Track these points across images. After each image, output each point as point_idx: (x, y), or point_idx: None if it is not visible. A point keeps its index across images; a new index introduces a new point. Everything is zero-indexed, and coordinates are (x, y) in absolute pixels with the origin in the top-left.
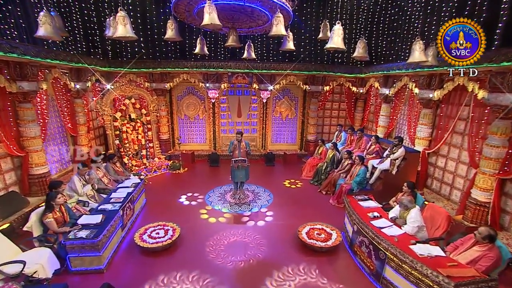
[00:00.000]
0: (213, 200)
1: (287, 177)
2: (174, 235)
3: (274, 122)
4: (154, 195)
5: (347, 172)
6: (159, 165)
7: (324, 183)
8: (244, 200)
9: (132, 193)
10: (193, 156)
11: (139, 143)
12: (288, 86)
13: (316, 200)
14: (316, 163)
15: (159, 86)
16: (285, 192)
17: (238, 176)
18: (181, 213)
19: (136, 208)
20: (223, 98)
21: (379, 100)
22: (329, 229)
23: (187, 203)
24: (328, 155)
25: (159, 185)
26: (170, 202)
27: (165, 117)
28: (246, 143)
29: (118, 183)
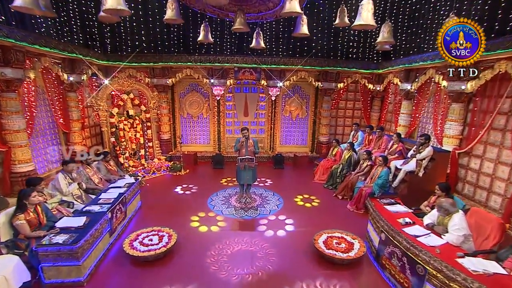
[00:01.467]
0: (216, 203)
1: (298, 186)
2: (170, 242)
3: (283, 122)
4: (151, 197)
5: (366, 175)
6: (158, 166)
7: (340, 187)
8: (251, 204)
9: (125, 194)
10: (196, 157)
11: (137, 142)
12: (299, 83)
13: (331, 205)
14: (330, 165)
15: (161, 82)
16: (297, 192)
17: (245, 177)
18: (179, 217)
19: (129, 211)
20: (228, 96)
21: (399, 97)
22: (350, 238)
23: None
24: (344, 156)
25: (158, 187)
26: (168, 205)
27: (167, 115)
28: (254, 140)
29: (111, 183)
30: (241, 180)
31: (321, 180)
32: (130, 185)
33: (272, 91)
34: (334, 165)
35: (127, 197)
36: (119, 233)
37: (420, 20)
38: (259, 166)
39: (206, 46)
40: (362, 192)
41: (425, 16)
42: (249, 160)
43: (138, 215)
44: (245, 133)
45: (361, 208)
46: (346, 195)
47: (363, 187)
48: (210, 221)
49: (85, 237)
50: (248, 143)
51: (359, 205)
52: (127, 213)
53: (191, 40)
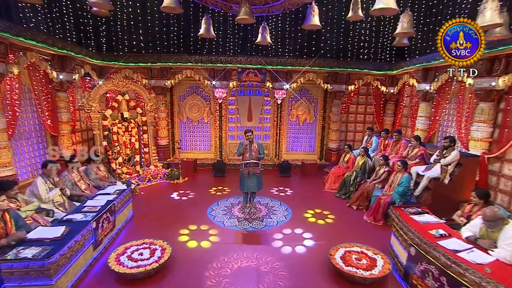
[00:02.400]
0: (217, 214)
1: (307, 195)
2: (163, 257)
3: (290, 127)
4: (145, 207)
5: (383, 182)
6: (154, 174)
7: (355, 196)
8: (256, 215)
9: (114, 202)
10: (195, 164)
11: (132, 147)
12: (307, 85)
13: (346, 216)
14: (342, 173)
15: (159, 84)
16: (306, 206)
17: (249, 185)
18: (175, 229)
19: (118, 222)
20: (231, 99)
21: (415, 100)
22: (371, 253)
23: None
24: (358, 163)
25: (153, 196)
26: (163, 215)
27: (165, 119)
28: (259, 144)
29: (100, 189)
30: (244, 188)
31: (333, 189)
32: (121, 192)
33: (277, 94)
34: (347, 173)
35: (116, 206)
36: (106, 246)
37: (439, 16)
38: (264, 174)
39: (207, 46)
40: (381, 201)
41: (444, 11)
42: (254, 165)
43: (129, 226)
44: (249, 136)
45: (380, 219)
46: (361, 205)
47: (381, 196)
48: (202, 235)
49: (62, 250)
50: (252, 146)
51: (377, 215)
52: (116, 224)
53: (191, 39)
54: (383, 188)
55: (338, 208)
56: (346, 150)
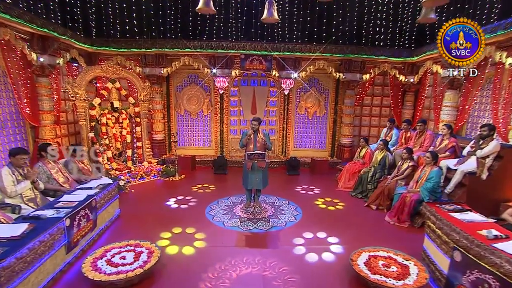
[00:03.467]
0: (216, 213)
1: (318, 195)
2: (150, 261)
3: (298, 121)
4: (134, 205)
5: (407, 178)
6: (148, 171)
7: (373, 195)
8: (261, 215)
9: (95, 197)
10: (194, 161)
11: (123, 141)
12: (317, 74)
13: (364, 217)
14: (357, 169)
15: (154, 72)
16: (317, 206)
17: (253, 180)
18: (167, 230)
19: (101, 221)
20: (233, 90)
21: (439, 88)
22: (401, 259)
23: (180, 216)
24: (376, 158)
25: (145, 194)
26: (155, 215)
27: (160, 111)
28: (265, 134)
29: (81, 183)
30: (248, 184)
31: (347, 188)
32: (105, 187)
33: (285, 84)
34: (363, 169)
35: (98, 202)
36: (84, 248)
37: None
38: (270, 172)
39: (207, 31)
40: (406, 200)
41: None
42: (259, 157)
43: (114, 226)
44: (254, 125)
45: (405, 220)
46: (382, 205)
47: (407, 193)
48: (185, 239)
49: (19, 252)
50: (258, 137)
51: (401, 216)
52: (98, 223)
53: (190, 23)
54: (407, 185)
55: (355, 208)
56: (362, 144)
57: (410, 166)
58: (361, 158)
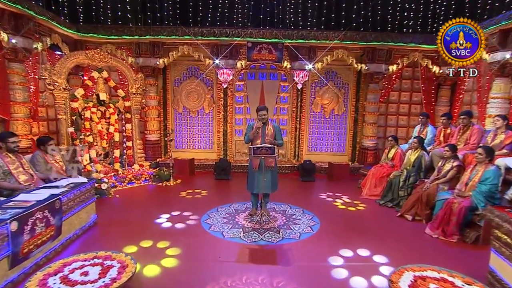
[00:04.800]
0: (215, 222)
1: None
2: (119, 279)
3: (313, 121)
4: (118, 212)
5: (450, 181)
6: (138, 174)
7: (408, 203)
8: (269, 225)
9: (61, 198)
10: (192, 164)
11: (110, 139)
12: (335, 66)
13: (398, 229)
14: (386, 173)
15: (148, 63)
16: (339, 216)
17: (260, 182)
18: (152, 239)
19: (69, 227)
20: (239, 84)
21: (485, 78)
22: (460, 282)
23: (169, 226)
24: (408, 159)
25: (131, 200)
26: (141, 223)
27: (155, 108)
28: (275, 127)
29: (49, 182)
30: (254, 187)
31: (374, 196)
32: (77, 186)
33: (298, 77)
34: (393, 172)
35: (66, 204)
36: (40, 261)
37: None
38: (280, 178)
39: (210, 16)
40: (453, 207)
41: None
42: (267, 152)
43: (87, 235)
44: (263, 116)
45: (453, 232)
46: (419, 214)
47: (454, 199)
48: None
49: None
50: (266, 130)
51: (447, 228)
52: (64, 230)
53: (190, 7)
54: (452, 189)
55: (385, 218)
56: (390, 144)
57: (455, 167)
58: (389, 160)
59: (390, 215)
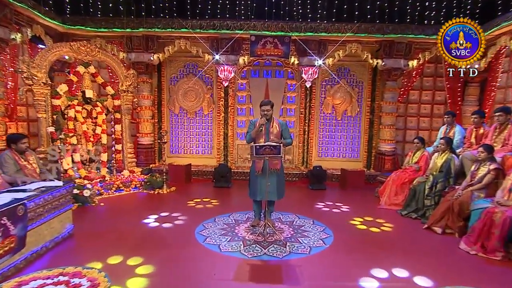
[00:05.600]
0: (211, 233)
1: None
2: None
3: (323, 123)
4: (100, 222)
5: (487, 188)
6: (127, 181)
7: (436, 213)
8: (274, 237)
9: (26, 204)
10: (189, 171)
11: (97, 141)
12: (348, 61)
13: (426, 244)
14: (408, 179)
15: (141, 59)
16: (356, 228)
17: (263, 187)
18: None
19: (36, 239)
20: (242, 83)
21: None
22: None
23: (158, 237)
24: (435, 163)
25: (118, 209)
26: (125, 234)
27: (149, 109)
28: (282, 124)
29: (16, 186)
30: (257, 193)
31: (394, 205)
32: (49, 190)
33: (306, 74)
34: (417, 178)
35: (33, 210)
36: None
37: None
38: (287, 186)
39: (210, 8)
40: (495, 218)
41: None
42: (271, 152)
43: (60, 248)
44: (266, 111)
45: (496, 248)
46: (451, 227)
47: (494, 209)
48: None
49: None
50: (271, 127)
51: (488, 242)
52: (29, 242)
53: None
54: (490, 196)
55: (409, 231)
56: (417, 146)
57: (492, 171)
58: (413, 163)
59: (415, 227)
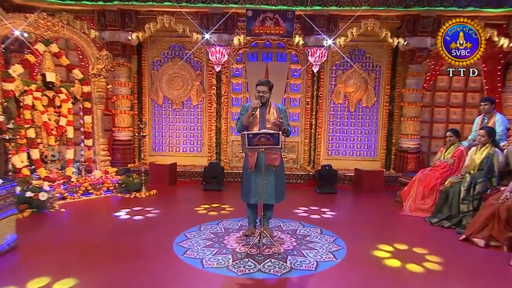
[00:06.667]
0: (193, 245)
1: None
2: None
3: (333, 115)
4: (56, 232)
5: None
6: (97, 183)
7: (476, 221)
8: (272, 249)
9: None
10: (174, 171)
11: (61, 134)
12: (363, 41)
13: (465, 260)
14: (439, 179)
15: (117, 38)
16: (375, 238)
17: (258, 188)
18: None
19: None
20: (237, 68)
21: None
22: None
23: (123, 246)
24: (473, 159)
25: (83, 216)
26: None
27: (127, 98)
28: (280, 109)
29: None
30: (251, 194)
31: (421, 211)
32: None
33: (313, 57)
34: (450, 178)
35: None
36: None
37: None
38: (290, 189)
39: None
40: None
41: None
42: (268, 142)
43: None
44: (263, 93)
45: None
46: (497, 238)
47: None
48: None
49: None
50: (267, 113)
51: None
52: None
53: None
54: None
55: (443, 244)
56: (450, 140)
57: None
58: (444, 159)
59: (449, 238)
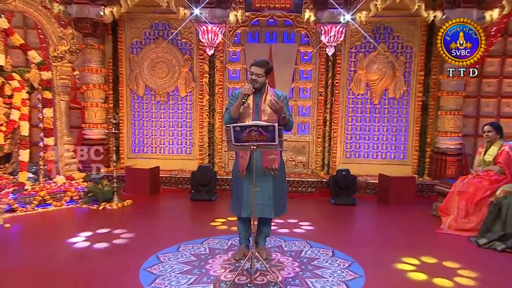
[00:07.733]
0: (166, 272)
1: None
2: None
3: (352, 108)
4: None
5: None
6: (58, 191)
7: None
8: (267, 276)
9: None
10: (155, 177)
11: (12, 130)
12: (389, 17)
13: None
14: (487, 191)
15: (87, 14)
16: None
17: (250, 196)
18: None
19: None
20: (234, 51)
21: None
22: None
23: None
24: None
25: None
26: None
27: (99, 87)
28: (280, 96)
29: None
30: (241, 205)
31: (465, 231)
32: None
33: (327, 36)
34: (502, 187)
35: None
36: None
37: None
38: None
39: None
40: None
41: None
42: (260, 136)
43: None
44: (256, 75)
45: None
46: None
47: None
48: None
49: None
50: (263, 102)
51: None
52: None
53: None
54: None
55: (493, 271)
56: (488, 136)
57: None
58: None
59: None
